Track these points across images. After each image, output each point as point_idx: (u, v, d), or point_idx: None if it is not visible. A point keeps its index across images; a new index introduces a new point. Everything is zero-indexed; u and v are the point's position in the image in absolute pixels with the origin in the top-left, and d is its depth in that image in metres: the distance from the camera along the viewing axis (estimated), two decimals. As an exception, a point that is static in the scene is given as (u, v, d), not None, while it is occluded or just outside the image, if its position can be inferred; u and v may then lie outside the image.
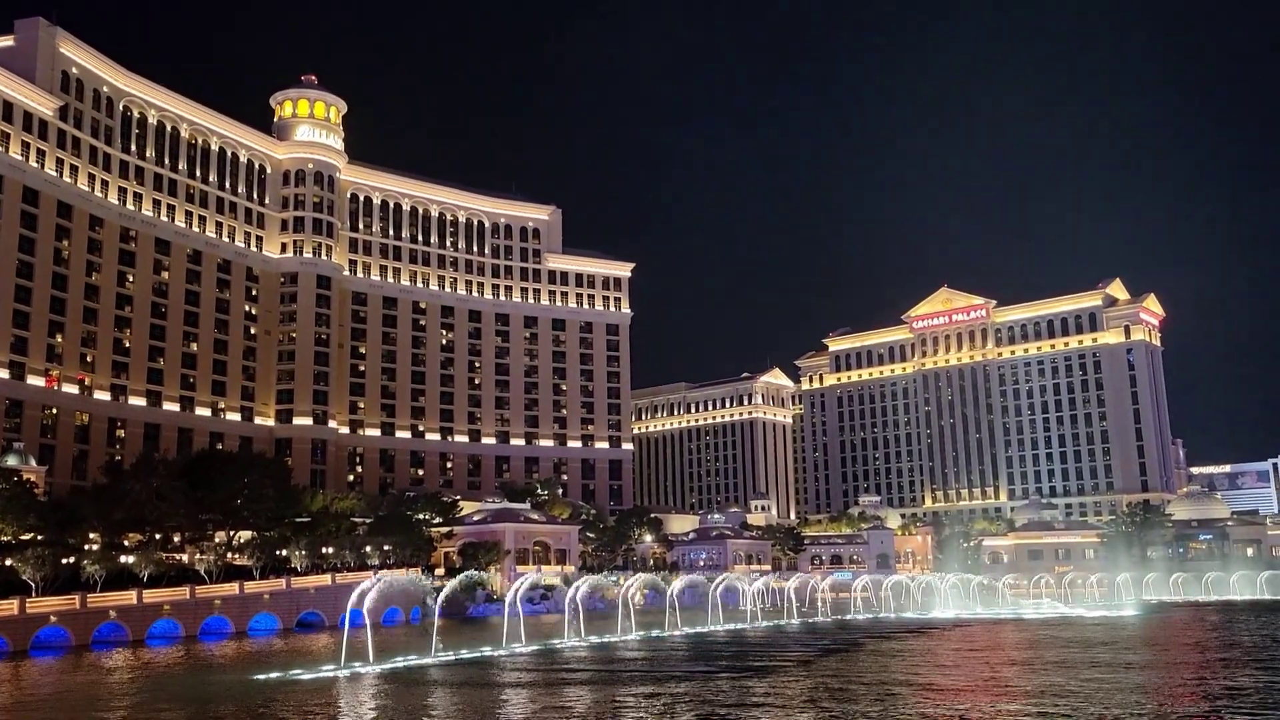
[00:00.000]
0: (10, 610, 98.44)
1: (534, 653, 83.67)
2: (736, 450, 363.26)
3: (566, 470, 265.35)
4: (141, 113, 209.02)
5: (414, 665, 72.63)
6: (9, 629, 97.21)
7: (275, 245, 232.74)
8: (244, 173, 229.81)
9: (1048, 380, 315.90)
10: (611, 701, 52.45)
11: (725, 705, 49.57)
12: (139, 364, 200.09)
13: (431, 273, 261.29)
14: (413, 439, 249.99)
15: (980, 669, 66.08)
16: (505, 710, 50.54)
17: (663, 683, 60.17)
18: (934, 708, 48.16)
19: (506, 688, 60.67)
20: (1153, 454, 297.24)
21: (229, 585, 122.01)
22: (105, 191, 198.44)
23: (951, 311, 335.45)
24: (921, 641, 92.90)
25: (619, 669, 70.01)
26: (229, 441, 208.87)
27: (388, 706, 52.24)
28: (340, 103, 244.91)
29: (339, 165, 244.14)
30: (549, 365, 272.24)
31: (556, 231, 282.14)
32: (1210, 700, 49.07)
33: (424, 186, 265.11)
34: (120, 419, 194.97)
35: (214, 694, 60.35)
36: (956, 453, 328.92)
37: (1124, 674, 60.64)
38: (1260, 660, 68.22)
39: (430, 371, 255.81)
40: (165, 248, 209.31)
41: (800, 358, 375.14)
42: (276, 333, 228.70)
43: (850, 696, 52.50)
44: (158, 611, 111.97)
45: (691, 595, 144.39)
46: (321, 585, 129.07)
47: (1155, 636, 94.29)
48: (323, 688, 60.66)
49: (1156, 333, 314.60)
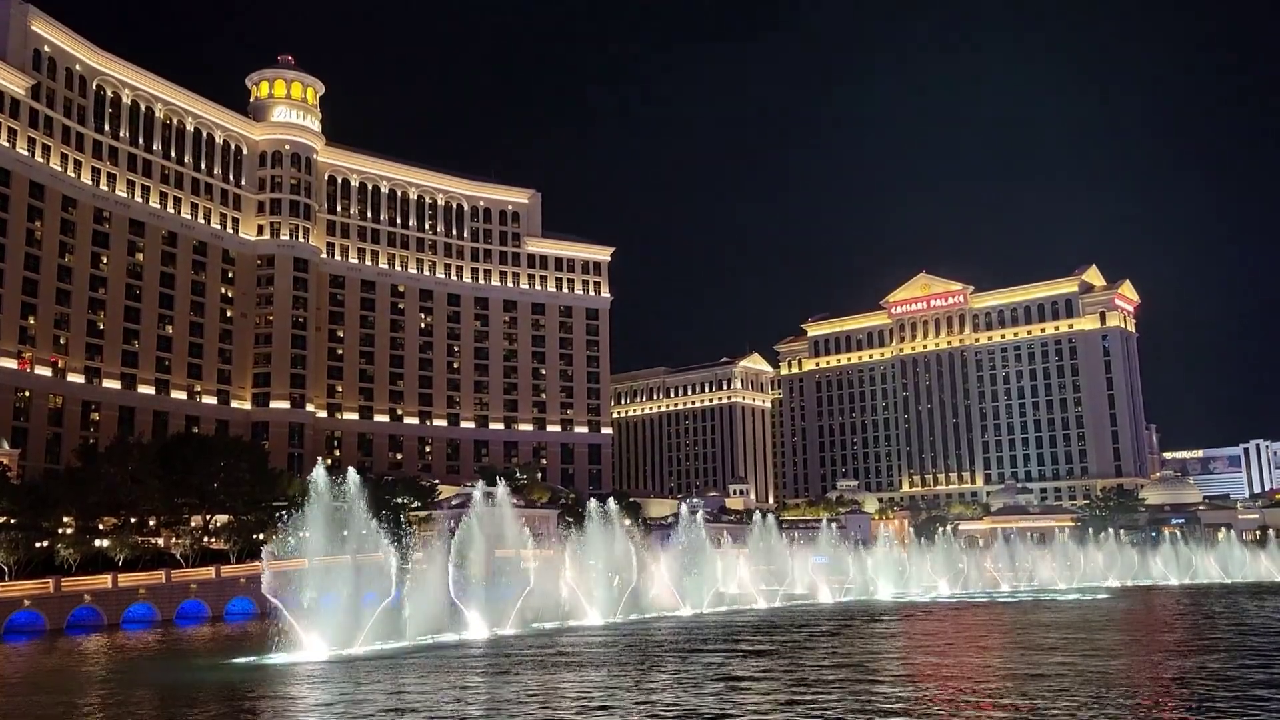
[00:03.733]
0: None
1: (514, 637, 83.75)
2: (715, 435, 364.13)
3: (546, 454, 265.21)
4: (115, 92, 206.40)
5: (395, 649, 72.55)
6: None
7: (252, 227, 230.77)
8: (220, 154, 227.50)
9: (1024, 366, 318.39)
10: (600, 681, 52.64)
11: (701, 686, 49.85)
12: (113, 346, 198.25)
13: (410, 256, 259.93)
14: (391, 423, 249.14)
15: (955, 651, 66.73)
16: (440, 698, 50.56)
17: (652, 667, 60.45)
18: (907, 690, 48.61)
19: (469, 672, 60.70)
20: (1126, 439, 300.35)
21: (205, 569, 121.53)
22: (79, 172, 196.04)
23: (930, 297, 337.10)
24: (896, 624, 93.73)
25: (601, 651, 70.24)
26: (205, 425, 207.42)
27: (367, 690, 52.22)
28: (317, 84, 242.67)
29: (316, 147, 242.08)
30: (528, 349, 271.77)
31: (536, 215, 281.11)
32: (1172, 682, 49.79)
33: (402, 169, 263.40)
34: (94, 402, 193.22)
35: (190, 679, 60.11)
36: (934, 437, 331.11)
37: (1096, 657, 61.39)
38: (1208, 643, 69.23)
39: (409, 355, 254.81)
40: (140, 229, 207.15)
41: (779, 343, 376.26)
42: (253, 316, 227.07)
43: (820, 680, 52.89)
44: (133, 595, 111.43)
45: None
46: (299, 569, 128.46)
47: (1126, 618, 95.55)
48: (298, 673, 60.52)
49: (1131, 319, 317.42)
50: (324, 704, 47.64)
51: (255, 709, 47.07)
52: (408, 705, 46.07)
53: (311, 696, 50.54)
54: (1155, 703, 43.30)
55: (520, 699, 47.40)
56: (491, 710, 44.49)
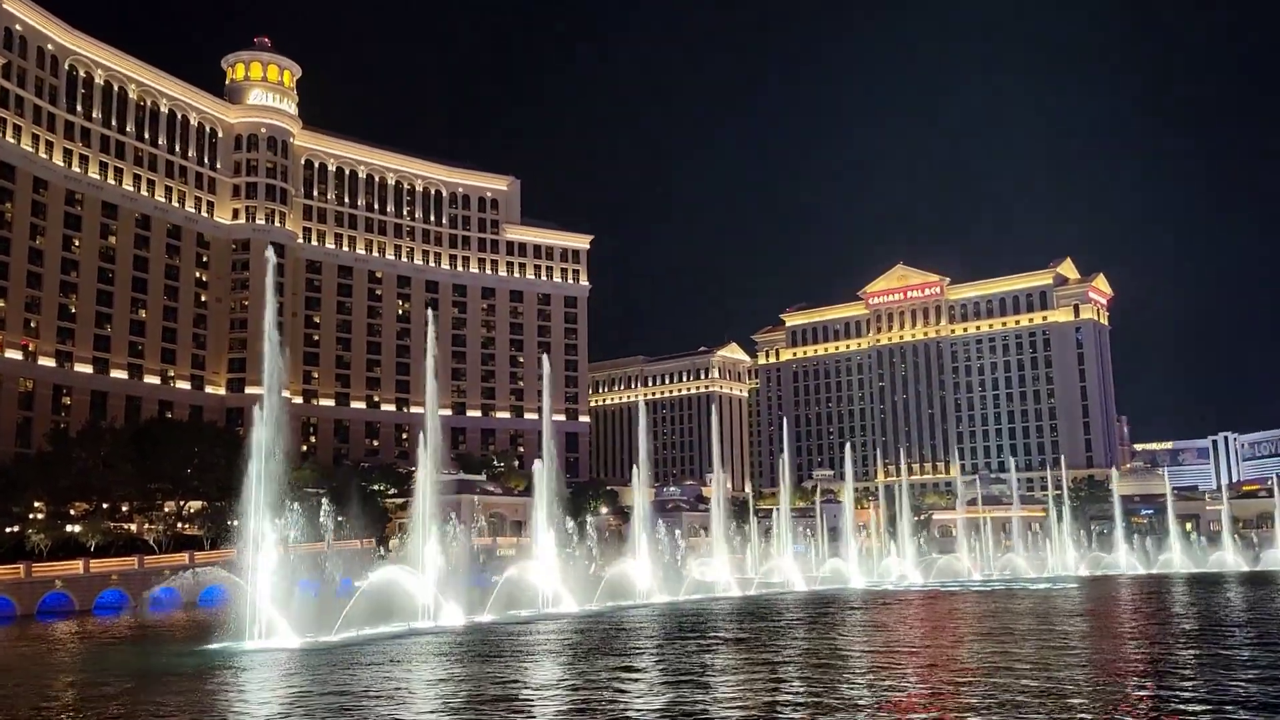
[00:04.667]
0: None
1: (489, 624, 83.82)
2: (693, 424, 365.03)
3: (523, 442, 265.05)
4: (88, 72, 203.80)
5: (369, 637, 72.45)
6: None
7: (227, 211, 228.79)
8: (194, 136, 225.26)
9: (999, 357, 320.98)
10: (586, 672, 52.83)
11: (681, 674, 50.14)
12: (85, 330, 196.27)
13: (388, 242, 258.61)
14: (368, 409, 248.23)
15: (929, 639, 67.43)
16: (360, 690, 50.62)
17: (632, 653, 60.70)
18: (881, 679, 49.08)
19: (438, 660, 60.77)
20: (1098, 431, 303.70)
21: (179, 555, 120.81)
22: (50, 153, 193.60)
23: (907, 288, 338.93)
24: (869, 613, 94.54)
25: (580, 640, 70.46)
26: (179, 410, 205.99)
27: (338, 678, 52.18)
28: (294, 66, 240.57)
29: (293, 130, 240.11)
30: (506, 337, 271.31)
31: (515, 202, 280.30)
32: (1144, 668, 50.56)
33: (381, 154, 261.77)
34: (66, 386, 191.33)
35: (158, 665, 59.85)
36: (909, 428, 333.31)
37: (1067, 644, 62.21)
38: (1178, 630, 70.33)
39: (386, 342, 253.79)
40: (113, 212, 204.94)
41: (757, 332, 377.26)
42: (228, 300, 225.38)
43: (794, 667, 53.31)
44: (105, 581, 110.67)
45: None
46: (273, 556, 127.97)
47: (1095, 607, 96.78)
48: (267, 661, 60.34)
49: (1104, 312, 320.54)
50: (272, 691, 47.55)
51: (213, 695, 46.95)
52: (356, 693, 46.10)
53: (264, 684, 50.42)
54: (1119, 688, 43.98)
55: (457, 686, 47.52)
56: (439, 698, 44.59)
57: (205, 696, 46.71)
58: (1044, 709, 38.01)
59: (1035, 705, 38.87)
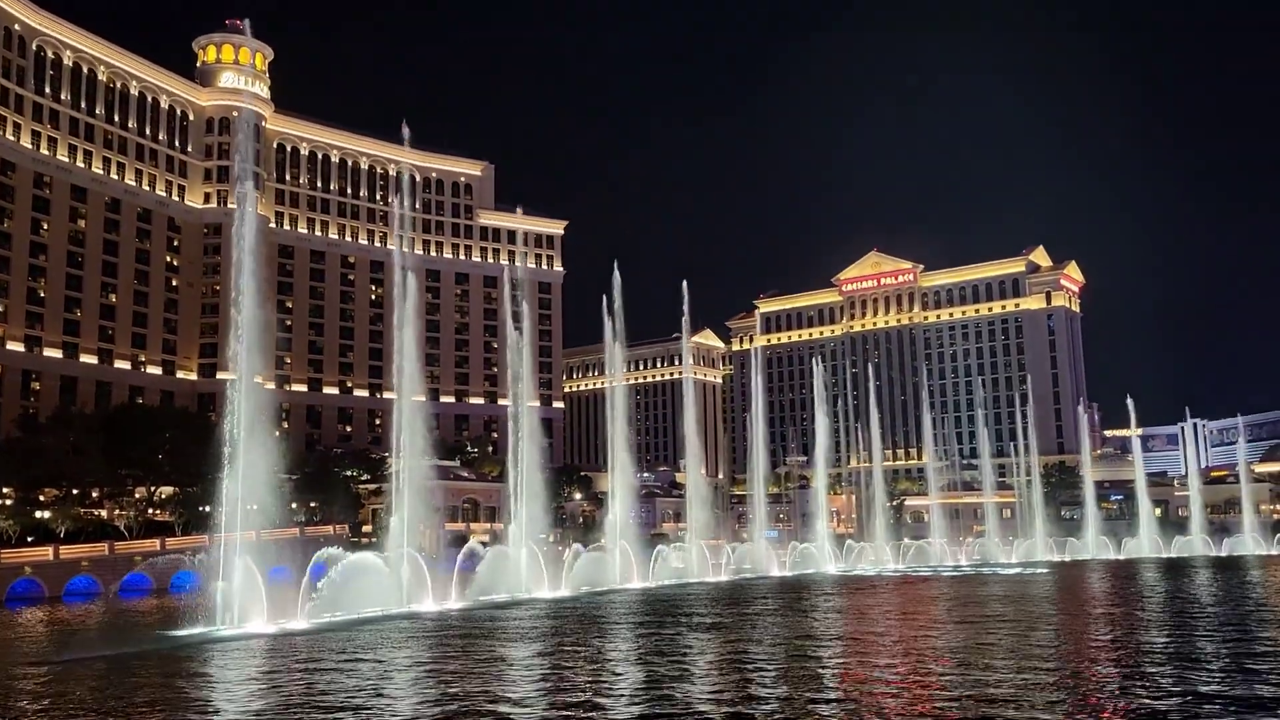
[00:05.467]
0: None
1: (461, 610, 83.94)
2: (666, 410, 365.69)
3: (497, 428, 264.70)
4: (56, 54, 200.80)
5: (341, 623, 72.41)
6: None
7: (198, 195, 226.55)
8: (165, 119, 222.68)
9: (971, 344, 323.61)
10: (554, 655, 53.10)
11: (645, 658, 50.50)
12: (54, 315, 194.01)
13: (361, 227, 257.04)
14: (340, 395, 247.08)
15: (901, 625, 68.20)
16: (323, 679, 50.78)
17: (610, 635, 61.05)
18: (854, 665, 49.67)
19: (408, 646, 60.88)
20: (1069, 417, 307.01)
21: (150, 541, 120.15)
22: (18, 135, 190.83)
23: (880, 275, 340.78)
24: (844, 599, 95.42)
25: (560, 623, 70.75)
26: (150, 395, 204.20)
27: (310, 666, 52.16)
28: (266, 49, 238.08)
29: (265, 114, 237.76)
30: (480, 323, 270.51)
31: (489, 188, 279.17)
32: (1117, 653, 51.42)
33: (353, 139, 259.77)
34: (35, 371, 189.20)
35: (128, 654, 59.61)
36: (882, 414, 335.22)
37: (1037, 629, 63.11)
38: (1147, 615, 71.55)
39: (359, 327, 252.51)
40: (82, 195, 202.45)
41: (731, 319, 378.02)
42: (199, 285, 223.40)
43: (765, 655, 53.81)
44: (75, 568, 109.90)
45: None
46: (246, 542, 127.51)
47: (1065, 592, 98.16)
48: (240, 647, 60.24)
49: (1076, 299, 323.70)
50: (245, 678, 47.54)
51: (185, 684, 46.87)
52: (323, 679, 46.20)
53: (237, 671, 50.39)
54: (1087, 670, 44.76)
55: (421, 673, 47.72)
56: (403, 685, 44.77)
57: (172, 683, 46.62)
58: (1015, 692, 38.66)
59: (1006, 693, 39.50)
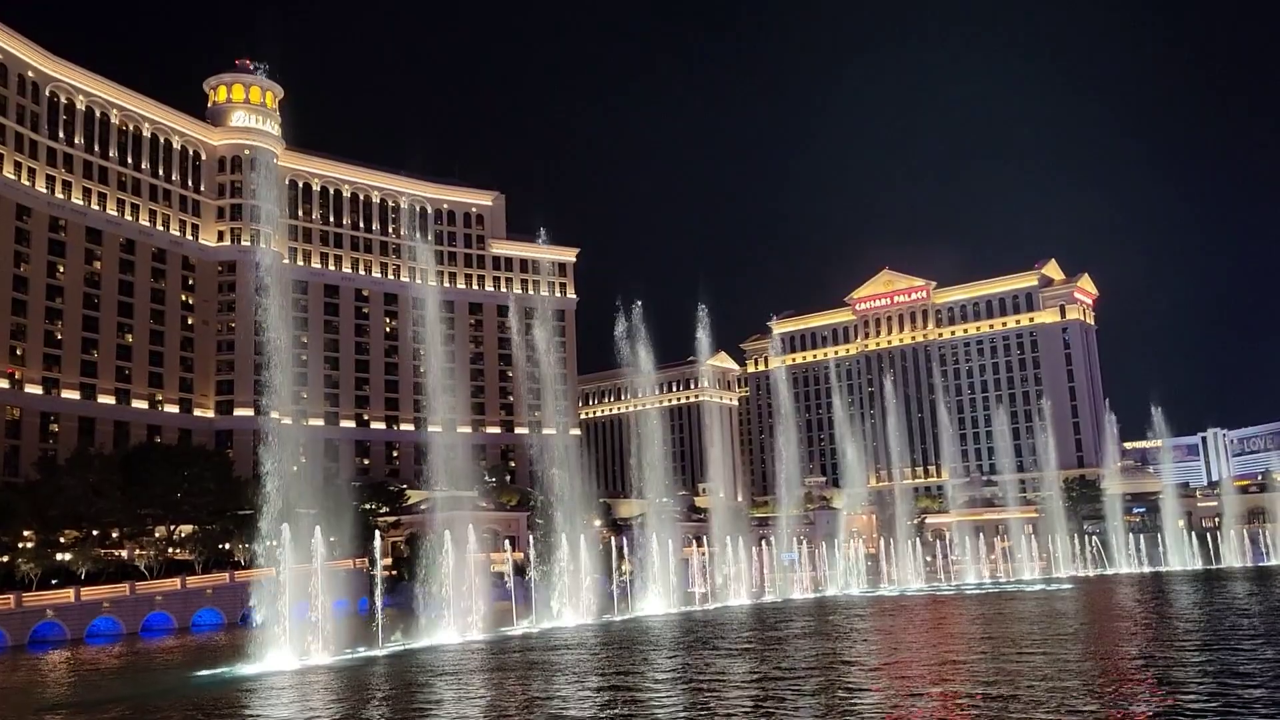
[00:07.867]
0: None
1: (484, 642, 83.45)
2: (683, 434, 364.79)
3: (514, 456, 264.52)
4: (69, 98, 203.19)
5: (365, 658, 72.12)
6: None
7: (212, 233, 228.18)
8: (178, 159, 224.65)
9: (986, 360, 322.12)
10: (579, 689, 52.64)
11: (667, 685, 50.01)
12: (72, 356, 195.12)
13: (374, 260, 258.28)
14: (357, 428, 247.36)
15: (926, 647, 67.42)
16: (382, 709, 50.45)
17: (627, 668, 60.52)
18: (880, 688, 49.08)
19: (435, 679, 60.42)
20: (1088, 430, 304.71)
21: (170, 580, 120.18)
22: (33, 179, 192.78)
23: (893, 293, 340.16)
24: (870, 620, 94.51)
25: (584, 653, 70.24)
26: (168, 434, 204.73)
27: (347, 699, 51.88)
28: (276, 88, 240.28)
29: (276, 151, 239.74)
30: (494, 352, 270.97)
31: (500, 217, 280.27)
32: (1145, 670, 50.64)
33: (364, 173, 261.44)
34: (53, 413, 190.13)
35: (155, 694, 59.42)
36: (899, 432, 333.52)
37: (1063, 649, 62.26)
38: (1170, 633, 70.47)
39: (374, 360, 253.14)
40: (97, 237, 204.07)
41: (746, 341, 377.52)
42: (215, 323, 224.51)
43: (794, 677, 53.23)
44: (97, 609, 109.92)
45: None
46: (267, 578, 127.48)
47: (1089, 609, 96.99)
48: (268, 685, 59.97)
49: (1090, 311, 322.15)
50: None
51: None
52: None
53: (266, 711, 50.12)
54: (1121, 689, 44.08)
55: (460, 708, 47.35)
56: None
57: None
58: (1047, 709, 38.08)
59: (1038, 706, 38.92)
